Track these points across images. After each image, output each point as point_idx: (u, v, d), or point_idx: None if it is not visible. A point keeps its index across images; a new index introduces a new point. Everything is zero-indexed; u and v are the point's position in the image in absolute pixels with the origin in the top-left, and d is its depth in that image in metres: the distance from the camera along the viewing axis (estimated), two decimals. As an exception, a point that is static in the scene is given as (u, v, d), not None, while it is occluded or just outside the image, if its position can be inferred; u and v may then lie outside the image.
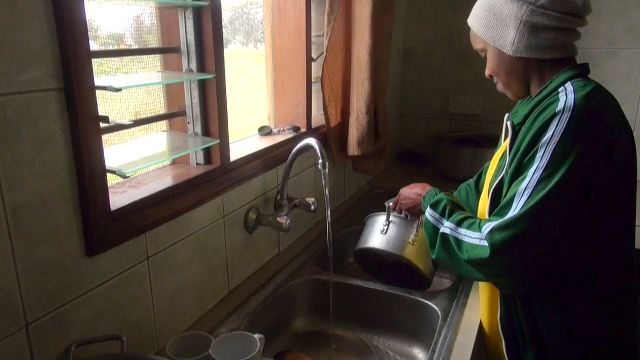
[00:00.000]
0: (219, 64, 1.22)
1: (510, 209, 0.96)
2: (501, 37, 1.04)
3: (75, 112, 0.86)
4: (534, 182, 0.94)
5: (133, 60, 1.17)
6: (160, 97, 1.25)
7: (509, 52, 1.04)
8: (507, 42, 1.03)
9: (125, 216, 1.00)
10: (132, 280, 1.05)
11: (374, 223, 1.46)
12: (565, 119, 0.93)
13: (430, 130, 2.67)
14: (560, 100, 0.96)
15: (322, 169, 1.30)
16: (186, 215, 1.17)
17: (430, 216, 1.13)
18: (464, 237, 1.02)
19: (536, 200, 0.93)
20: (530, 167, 0.95)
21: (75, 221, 0.90)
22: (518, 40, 1.02)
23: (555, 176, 0.92)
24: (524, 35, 1.01)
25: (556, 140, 0.93)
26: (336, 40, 1.73)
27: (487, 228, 0.97)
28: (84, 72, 0.87)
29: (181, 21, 1.19)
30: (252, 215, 1.42)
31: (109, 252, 0.98)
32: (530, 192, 0.94)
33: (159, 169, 1.24)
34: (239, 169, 1.34)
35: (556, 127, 0.93)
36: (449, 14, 2.54)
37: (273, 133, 1.64)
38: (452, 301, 1.34)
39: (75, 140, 0.88)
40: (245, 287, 1.40)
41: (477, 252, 0.98)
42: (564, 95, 0.97)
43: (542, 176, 0.93)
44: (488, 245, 0.96)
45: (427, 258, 1.37)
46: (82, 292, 0.94)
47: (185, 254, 1.19)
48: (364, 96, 1.80)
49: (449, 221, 1.08)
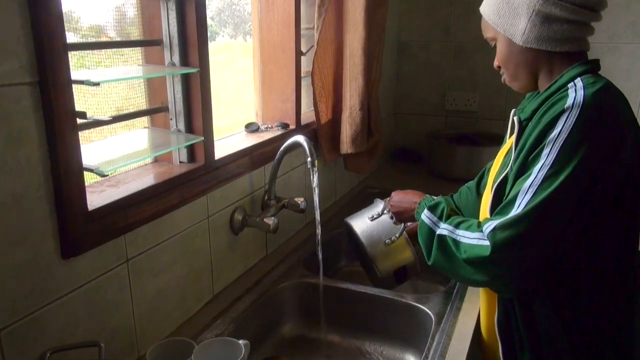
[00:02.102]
0: (203, 57, 1.22)
1: (513, 207, 0.96)
2: (512, 25, 1.04)
3: (50, 107, 0.86)
4: (539, 180, 0.94)
5: (115, 54, 1.16)
6: (142, 92, 1.25)
7: (519, 42, 1.04)
8: (517, 31, 1.04)
9: (104, 216, 1.00)
10: (111, 283, 1.04)
11: (373, 207, 1.48)
12: (574, 115, 0.94)
13: (425, 128, 2.68)
14: (569, 97, 0.96)
15: (311, 167, 1.30)
16: (168, 215, 1.17)
17: (427, 218, 1.13)
18: (462, 237, 1.03)
19: (540, 199, 0.94)
20: (536, 165, 0.96)
21: (51, 222, 0.90)
22: (529, 30, 1.02)
23: (561, 175, 0.93)
24: (536, 25, 1.01)
25: (564, 137, 0.93)
26: (327, 34, 1.73)
27: (489, 227, 0.98)
28: (60, 66, 0.86)
29: (163, 12, 1.19)
30: (238, 216, 1.42)
31: (86, 254, 0.97)
32: (535, 191, 0.94)
33: (140, 167, 1.24)
34: (224, 168, 1.34)
35: (564, 124, 0.94)
36: (445, 6, 2.55)
37: (260, 130, 1.64)
38: (447, 305, 1.34)
39: (50, 137, 0.87)
40: (230, 291, 1.40)
41: (477, 251, 0.98)
42: (574, 92, 0.97)
43: (547, 174, 0.94)
44: (490, 244, 0.96)
45: (389, 264, 1.40)
46: (57, 296, 0.93)
47: (167, 256, 1.19)
48: (358, 92, 1.81)
49: (446, 223, 1.08)
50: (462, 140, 2.50)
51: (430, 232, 1.10)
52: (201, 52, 1.21)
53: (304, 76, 1.79)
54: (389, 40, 2.48)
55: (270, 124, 1.70)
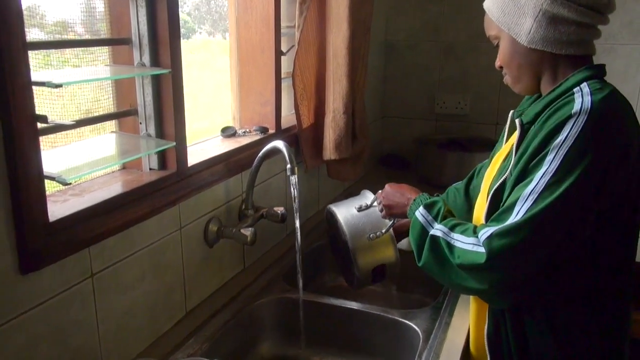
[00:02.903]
0: (175, 57, 1.22)
1: (512, 214, 0.97)
2: (517, 24, 1.05)
3: (7, 110, 0.85)
4: (540, 187, 0.96)
5: (84, 52, 1.16)
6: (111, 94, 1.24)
7: (524, 42, 1.06)
8: (522, 30, 1.05)
9: (67, 228, 0.99)
10: (74, 300, 1.03)
11: (361, 198, 1.47)
12: (581, 122, 0.95)
13: (414, 132, 2.70)
14: (576, 102, 0.98)
15: (291, 175, 1.30)
16: (137, 227, 1.16)
17: (421, 217, 1.13)
18: (456, 242, 1.03)
19: (541, 207, 0.95)
20: (538, 171, 0.97)
21: (8, 234, 0.89)
22: (535, 30, 1.03)
23: (564, 183, 0.94)
24: (542, 25, 1.03)
25: (569, 144, 0.95)
26: (309, 32, 1.74)
27: (485, 233, 0.99)
28: (19, 66, 0.86)
29: (132, 9, 1.19)
30: (213, 226, 1.41)
31: (47, 269, 0.96)
32: (535, 198, 0.96)
33: (107, 174, 1.24)
34: (198, 175, 1.34)
35: (570, 130, 0.95)
36: (434, 4, 2.58)
37: (238, 135, 1.64)
38: (435, 321, 1.35)
39: (7, 142, 0.86)
40: (204, 308, 1.40)
41: (471, 258, 0.99)
42: (580, 97, 0.98)
43: (550, 181, 0.95)
44: (485, 251, 0.97)
45: (370, 260, 1.38)
46: (15, 314, 0.92)
47: (135, 270, 1.18)
48: (342, 94, 1.82)
49: (441, 224, 1.08)
50: (453, 145, 2.52)
51: (423, 231, 1.10)
52: (173, 51, 1.21)
53: (285, 77, 1.80)
54: (375, 40, 2.49)
55: (248, 128, 1.70)
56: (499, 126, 2.56)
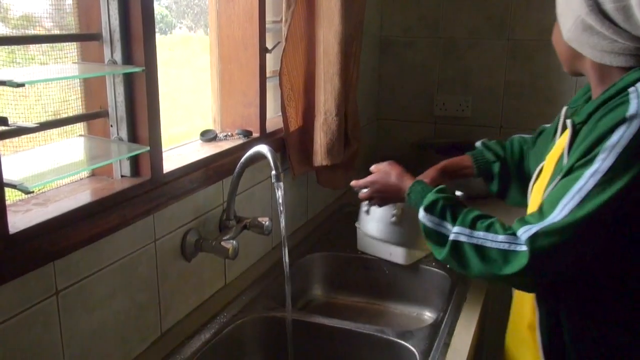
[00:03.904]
0: (149, 54, 1.21)
1: (555, 211, 1.04)
2: (564, 17, 1.16)
3: (-37, 112, 0.84)
4: (590, 185, 1.02)
5: (53, 48, 1.15)
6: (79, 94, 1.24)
7: (564, 37, 1.17)
8: (566, 26, 1.16)
9: (29, 241, 0.98)
10: (35, 321, 1.02)
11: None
12: (637, 124, 1.01)
13: (411, 136, 2.70)
14: (631, 103, 1.03)
15: (276, 182, 1.30)
16: (107, 239, 1.15)
17: (428, 222, 1.18)
18: (484, 241, 1.09)
19: (591, 207, 1.01)
20: (588, 169, 1.03)
21: (-37, 248, 0.88)
22: (573, 31, 1.14)
23: (615, 184, 1.00)
24: (578, 29, 1.12)
25: (623, 145, 1.01)
26: (297, 28, 1.74)
27: (528, 231, 1.04)
28: (-25, 63, 0.85)
29: (103, 2, 1.18)
30: (191, 238, 1.41)
31: (6, 286, 0.95)
32: (583, 197, 1.02)
33: (74, 182, 1.23)
34: (174, 183, 1.33)
35: (625, 132, 1.01)
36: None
37: (219, 139, 1.64)
38: (433, 341, 1.36)
39: (-38, 147, 0.86)
40: (182, 328, 1.39)
41: (511, 258, 1.05)
42: (636, 98, 1.04)
43: (600, 180, 1.01)
44: (527, 249, 1.03)
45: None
46: (-30, 336, 0.91)
47: (105, 287, 1.17)
48: (334, 95, 1.82)
49: (459, 225, 1.13)
50: (453, 150, 2.52)
51: (439, 235, 1.16)
52: (147, 48, 1.21)
53: (270, 76, 1.80)
54: (369, 36, 2.50)
55: (230, 131, 1.69)
56: (504, 129, 2.58)
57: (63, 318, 1.08)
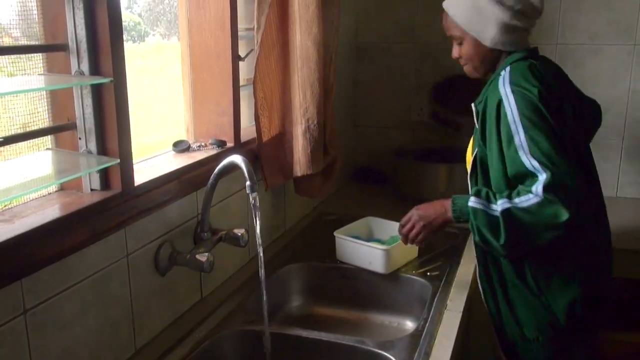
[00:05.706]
0: (118, 64, 1.21)
1: (534, 171, 1.34)
2: (483, 31, 1.52)
3: None
4: (526, 143, 1.36)
5: (19, 59, 1.15)
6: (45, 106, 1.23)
7: (488, 45, 1.53)
8: (487, 36, 1.52)
9: (-6, 259, 0.97)
10: (3, 341, 1.01)
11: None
12: (512, 97, 1.41)
13: (389, 142, 2.72)
14: (501, 75, 1.48)
15: (251, 193, 1.30)
16: (77, 255, 1.14)
17: (478, 204, 1.41)
18: (523, 203, 1.35)
19: (541, 148, 1.34)
20: (513, 135, 1.38)
21: None
22: (498, 37, 1.51)
23: (536, 129, 1.36)
24: (503, 33, 1.50)
25: (516, 111, 1.39)
26: (271, 34, 1.75)
27: (538, 185, 1.32)
28: None
29: (68, 10, 1.18)
30: (165, 252, 1.40)
31: (-29, 307, 0.94)
32: (530, 149, 1.35)
33: (42, 197, 1.22)
34: (146, 195, 1.33)
35: (510, 104, 1.41)
36: (408, 2, 2.62)
37: (192, 149, 1.64)
38: (414, 351, 1.36)
39: None
40: (156, 345, 1.38)
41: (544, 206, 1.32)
42: (504, 71, 1.49)
43: (529, 135, 1.36)
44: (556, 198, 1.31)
45: None
46: None
47: (76, 305, 1.16)
48: (315, 102, 1.82)
49: (500, 200, 1.38)
50: (432, 156, 2.55)
51: (489, 215, 1.39)
52: (115, 58, 1.20)
53: (244, 85, 1.80)
54: (345, 42, 2.52)
55: (204, 141, 1.69)
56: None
57: (32, 337, 1.06)
